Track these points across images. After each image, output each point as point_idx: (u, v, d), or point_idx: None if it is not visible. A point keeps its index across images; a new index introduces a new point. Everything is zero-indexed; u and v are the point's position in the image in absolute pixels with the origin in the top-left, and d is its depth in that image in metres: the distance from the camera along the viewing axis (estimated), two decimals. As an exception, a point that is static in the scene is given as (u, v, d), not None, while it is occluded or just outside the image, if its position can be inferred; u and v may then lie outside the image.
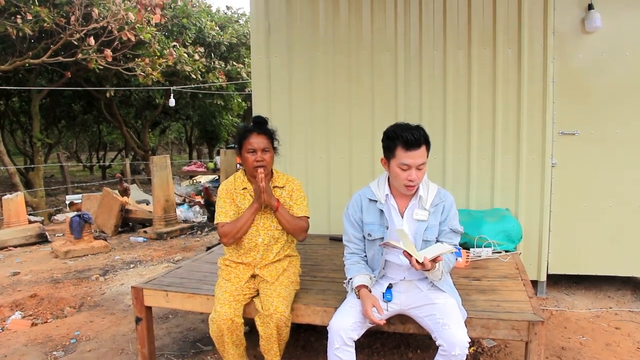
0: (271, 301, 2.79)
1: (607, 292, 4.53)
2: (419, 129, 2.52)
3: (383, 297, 2.61)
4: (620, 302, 4.32)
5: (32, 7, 8.74)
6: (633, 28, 4.20)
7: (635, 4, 4.16)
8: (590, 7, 4.19)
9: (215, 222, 3.03)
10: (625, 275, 4.50)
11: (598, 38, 4.26)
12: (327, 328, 2.54)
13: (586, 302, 4.31)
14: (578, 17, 4.28)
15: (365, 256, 2.78)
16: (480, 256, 3.81)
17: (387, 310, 2.60)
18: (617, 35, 4.23)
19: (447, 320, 2.38)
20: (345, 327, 2.48)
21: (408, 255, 2.38)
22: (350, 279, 2.68)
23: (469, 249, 3.87)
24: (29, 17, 8.66)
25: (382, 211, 2.66)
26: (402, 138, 2.47)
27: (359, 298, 2.56)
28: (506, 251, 3.92)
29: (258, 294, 2.97)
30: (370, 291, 2.56)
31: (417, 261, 2.36)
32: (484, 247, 3.86)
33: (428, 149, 2.54)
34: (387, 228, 2.63)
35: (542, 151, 4.36)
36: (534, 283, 4.30)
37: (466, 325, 2.45)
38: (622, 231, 4.34)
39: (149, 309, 3.35)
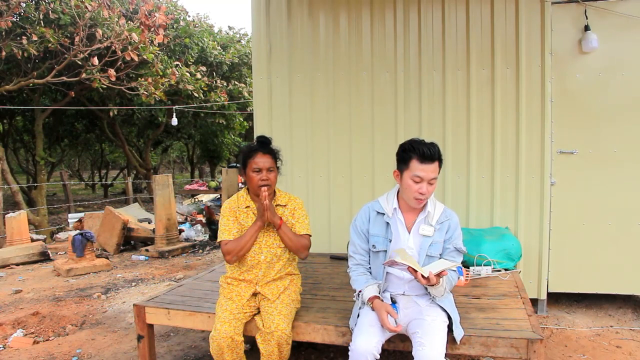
0: (272, 319, 2.81)
1: (607, 310, 4.54)
2: (434, 145, 2.61)
3: None
4: (621, 320, 4.32)
5: (38, 28, 8.88)
6: (629, 48, 4.27)
7: (630, 25, 4.23)
8: (586, 28, 4.26)
9: (218, 240, 3.06)
10: (626, 293, 4.50)
11: (595, 58, 4.33)
12: (350, 349, 2.49)
13: (587, 321, 4.31)
14: (575, 38, 4.36)
15: (370, 267, 2.82)
16: (479, 274, 3.83)
17: (396, 323, 2.61)
18: (614, 55, 4.30)
19: (424, 340, 2.39)
20: (370, 347, 2.45)
21: (413, 271, 2.42)
22: (360, 291, 2.70)
23: (468, 267, 3.89)
24: (34, 37, 8.79)
25: (388, 224, 2.70)
26: (419, 151, 2.56)
27: (373, 310, 2.58)
28: (506, 269, 3.94)
29: (259, 312, 2.99)
30: (382, 300, 2.60)
31: (422, 275, 2.39)
32: (484, 265, 3.89)
33: (440, 166, 2.63)
34: (391, 241, 2.67)
35: (541, 170, 4.40)
36: (534, 301, 4.32)
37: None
38: (622, 249, 4.35)
39: (150, 326, 3.37)
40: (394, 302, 2.66)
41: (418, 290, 2.65)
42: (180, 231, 9.21)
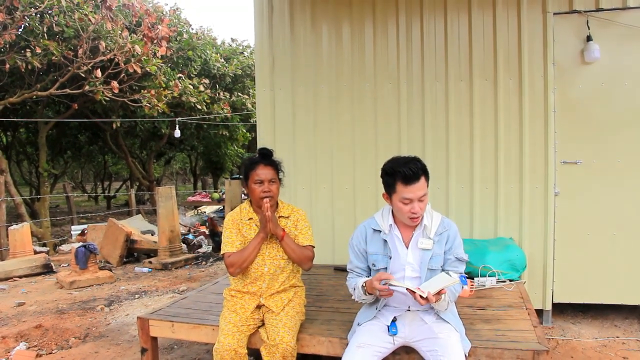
0: (277, 331, 2.80)
1: (613, 321, 4.51)
2: (415, 161, 2.54)
3: (388, 331, 2.60)
4: (628, 331, 4.29)
5: (42, 40, 8.95)
6: (632, 59, 4.27)
7: (632, 35, 4.24)
8: (589, 38, 4.27)
9: (221, 252, 3.06)
10: (632, 304, 4.47)
11: (597, 68, 4.34)
12: None
13: (593, 331, 4.28)
14: (577, 49, 4.36)
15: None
16: (484, 285, 3.82)
17: (394, 343, 2.61)
18: (616, 66, 4.30)
19: (446, 358, 2.38)
20: None
21: (411, 292, 2.39)
22: (354, 288, 2.70)
23: (473, 278, 3.87)
24: (38, 50, 8.86)
25: (385, 241, 2.68)
26: (401, 173, 2.50)
27: (368, 294, 2.60)
28: (510, 280, 3.92)
29: (263, 324, 2.98)
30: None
31: (421, 297, 2.37)
32: (488, 276, 3.87)
33: (427, 179, 2.56)
34: (390, 258, 2.65)
35: (544, 180, 4.39)
36: (540, 312, 4.29)
37: (470, 355, 2.45)
38: (627, 259, 4.33)
39: (154, 339, 3.36)
40: (394, 321, 2.64)
41: (421, 305, 2.63)
42: (191, 243, 9.22)
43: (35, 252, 8.55)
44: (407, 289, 2.40)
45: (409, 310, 2.66)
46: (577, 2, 4.31)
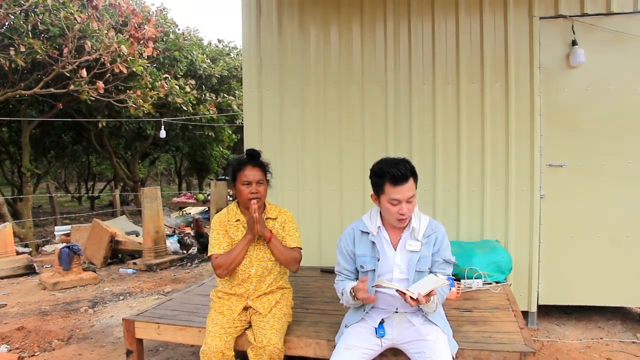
0: (264, 333, 2.79)
1: (597, 322, 4.55)
2: (404, 162, 2.55)
3: (376, 333, 2.61)
4: (611, 332, 4.34)
5: (26, 39, 8.83)
6: (616, 63, 4.33)
7: (616, 40, 4.29)
8: (574, 43, 4.32)
9: (208, 254, 3.04)
10: (615, 305, 4.53)
11: (583, 73, 4.39)
12: None
13: (577, 333, 4.33)
14: (563, 53, 4.41)
15: None
16: (471, 287, 3.84)
17: (381, 345, 2.61)
18: (601, 70, 4.36)
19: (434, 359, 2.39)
20: None
21: (401, 293, 2.39)
22: (342, 293, 2.69)
23: (459, 280, 3.89)
24: (22, 49, 8.74)
25: (373, 243, 2.68)
26: (389, 174, 2.50)
27: (356, 299, 2.59)
28: (497, 282, 3.95)
29: (250, 326, 2.97)
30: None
31: (411, 298, 2.37)
32: (475, 278, 3.89)
33: (416, 181, 2.56)
34: (379, 260, 2.65)
35: (530, 183, 4.43)
36: (525, 314, 4.32)
37: (458, 357, 2.46)
38: (611, 261, 4.38)
39: (140, 341, 3.34)
40: (381, 323, 2.63)
41: (411, 307, 2.63)
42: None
43: (18, 253, 8.43)
44: (397, 290, 2.40)
45: (397, 312, 2.66)
46: (563, 7, 4.36)
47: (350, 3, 4.78)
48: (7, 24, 9.02)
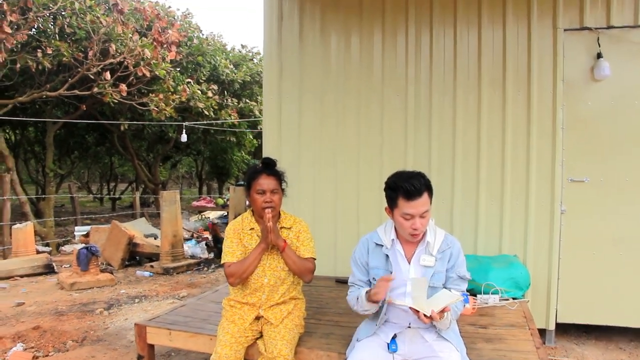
0: (275, 344, 2.76)
1: (618, 343, 4.43)
2: (419, 177, 2.50)
3: (388, 348, 2.56)
4: (633, 354, 4.21)
5: (53, 41, 9.00)
6: (642, 77, 4.23)
7: (643, 54, 4.20)
8: (599, 55, 4.23)
9: (222, 262, 3.02)
10: (638, 326, 4.40)
11: (607, 86, 4.29)
12: None
13: (597, 354, 4.21)
14: (587, 65, 4.32)
15: None
16: (487, 303, 3.76)
17: None
18: (627, 83, 4.26)
19: None
20: None
21: (415, 311, 2.35)
22: (357, 297, 2.63)
23: (475, 296, 3.82)
24: (49, 51, 8.91)
25: (387, 256, 2.64)
26: (403, 189, 2.46)
27: (372, 302, 2.52)
28: (514, 298, 3.86)
29: (261, 336, 2.94)
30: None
31: (424, 315, 2.32)
32: (491, 293, 3.81)
33: (430, 195, 2.51)
34: (392, 273, 2.61)
35: (551, 198, 4.34)
36: (542, 331, 4.23)
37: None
38: (633, 280, 4.26)
39: (151, 346, 3.33)
40: (393, 338, 2.59)
41: (424, 323, 2.58)
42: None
43: (38, 252, 8.57)
44: (410, 307, 2.36)
45: (410, 327, 2.61)
46: (588, 19, 4.27)
47: (372, 9, 4.75)
48: (35, 26, 9.20)
